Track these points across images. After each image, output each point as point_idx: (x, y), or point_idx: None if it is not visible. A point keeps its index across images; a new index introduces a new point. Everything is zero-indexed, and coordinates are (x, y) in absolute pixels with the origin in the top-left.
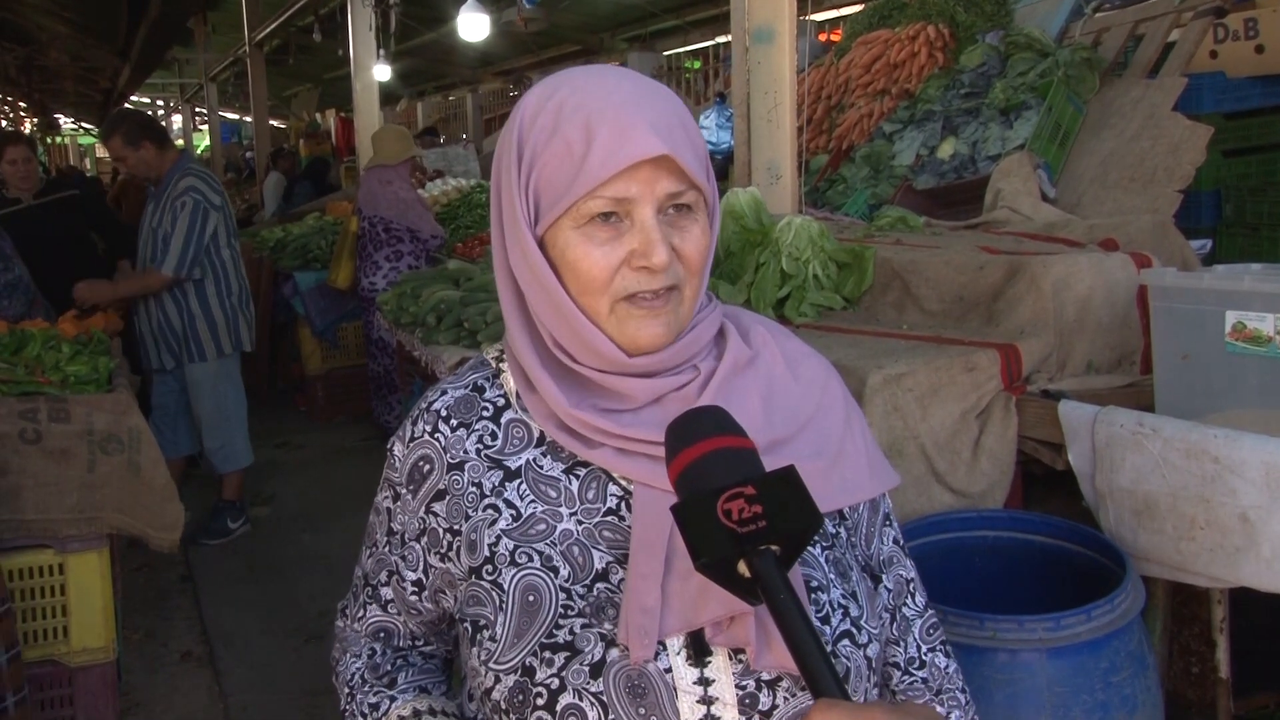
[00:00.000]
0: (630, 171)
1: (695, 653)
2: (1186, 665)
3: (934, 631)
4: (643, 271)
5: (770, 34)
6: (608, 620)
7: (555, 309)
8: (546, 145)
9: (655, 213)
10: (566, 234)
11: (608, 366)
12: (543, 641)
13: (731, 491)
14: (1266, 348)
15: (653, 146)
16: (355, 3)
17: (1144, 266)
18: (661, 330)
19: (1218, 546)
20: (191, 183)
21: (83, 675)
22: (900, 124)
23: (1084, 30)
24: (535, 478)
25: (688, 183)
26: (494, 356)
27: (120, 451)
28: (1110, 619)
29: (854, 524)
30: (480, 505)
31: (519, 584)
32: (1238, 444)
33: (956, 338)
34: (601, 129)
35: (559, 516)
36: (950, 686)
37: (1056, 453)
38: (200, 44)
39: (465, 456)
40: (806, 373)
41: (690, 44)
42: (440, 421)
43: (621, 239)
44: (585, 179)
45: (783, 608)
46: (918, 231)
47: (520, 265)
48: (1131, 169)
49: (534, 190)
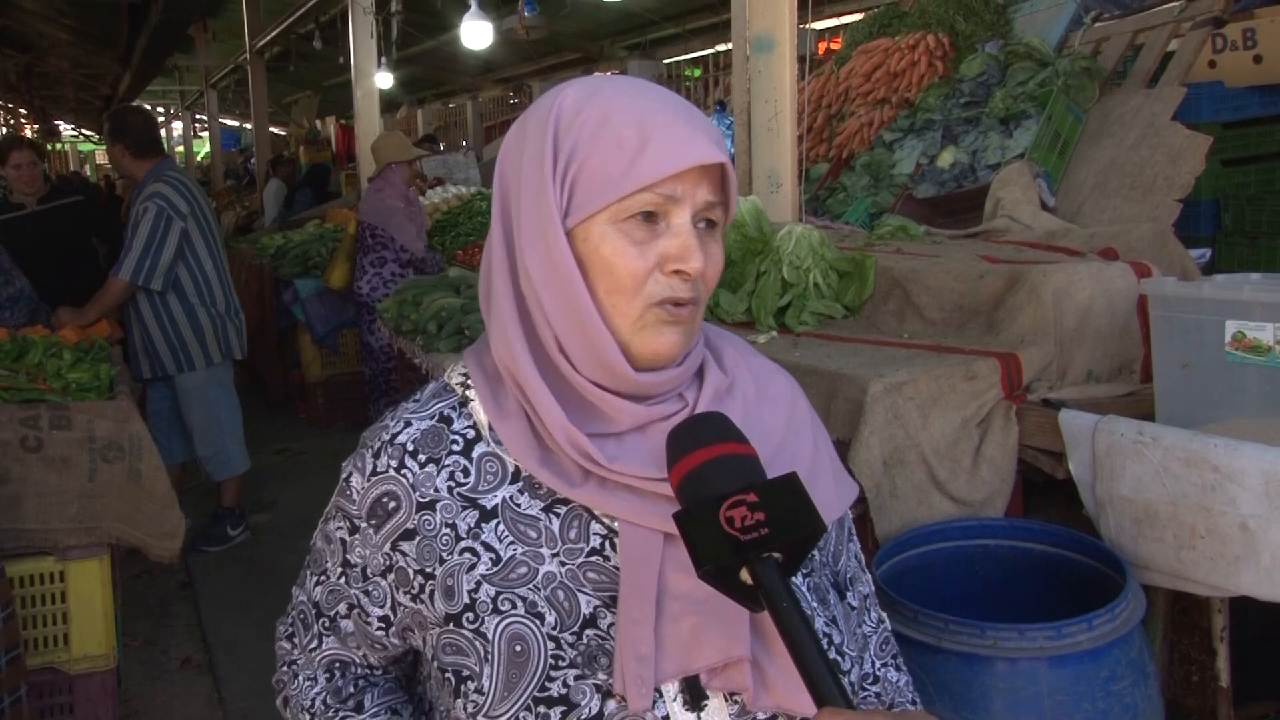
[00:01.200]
0: (679, 175)
1: (691, 698)
2: (1187, 674)
3: (887, 646)
4: (676, 277)
5: (770, 43)
6: (601, 670)
7: (572, 310)
8: (593, 139)
9: (692, 220)
10: (603, 228)
11: (609, 379)
12: (536, 695)
13: (734, 499)
14: (1266, 357)
15: (711, 153)
16: (356, 10)
17: (1144, 276)
18: (680, 341)
19: (1218, 555)
20: (156, 189)
21: (83, 683)
22: (900, 133)
23: (1083, 40)
24: (513, 517)
25: (721, 198)
26: (459, 382)
27: (121, 459)
28: (1111, 628)
29: (824, 544)
30: (456, 548)
31: (504, 633)
32: (1237, 453)
33: (957, 346)
34: (658, 129)
35: (540, 558)
36: (901, 700)
37: (1057, 461)
38: (201, 51)
39: (436, 495)
40: (774, 391)
41: (690, 52)
42: (407, 456)
43: (656, 242)
44: (639, 174)
45: (786, 615)
46: (918, 240)
47: (538, 263)
48: (1131, 178)
49: (572, 182)
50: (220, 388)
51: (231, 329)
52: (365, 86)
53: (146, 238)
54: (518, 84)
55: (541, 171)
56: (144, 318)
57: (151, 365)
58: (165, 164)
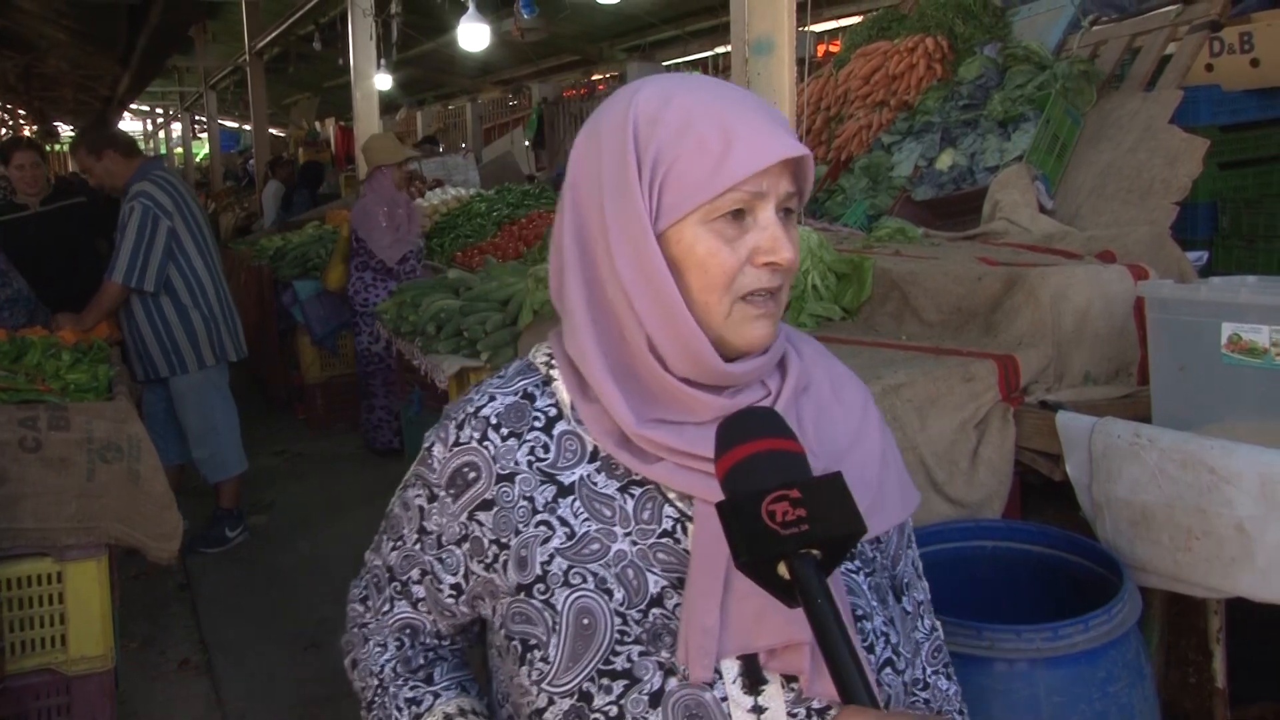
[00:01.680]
0: (763, 170)
1: (750, 681)
2: (1183, 675)
3: (938, 655)
4: (766, 269)
5: (770, 45)
6: (664, 648)
7: (666, 312)
8: (677, 144)
9: (775, 215)
10: (695, 230)
11: (698, 374)
12: (600, 668)
13: (777, 493)
14: (1262, 359)
15: (793, 147)
16: (356, 12)
17: (1141, 278)
18: (770, 329)
19: (1214, 557)
20: (142, 188)
21: (80, 684)
22: (899, 135)
23: (1081, 43)
24: (589, 495)
25: (797, 189)
26: (543, 361)
27: (120, 460)
28: (1107, 629)
29: (885, 546)
30: (532, 521)
31: (573, 606)
32: (1233, 455)
33: (955, 348)
34: (740, 129)
35: (613, 536)
36: (949, 709)
37: (1054, 463)
38: (200, 52)
39: (516, 468)
40: (848, 396)
41: (690, 54)
42: (490, 429)
43: (745, 237)
44: (728, 174)
45: (820, 612)
46: (916, 242)
47: (629, 269)
48: (1129, 181)
49: (660, 188)
50: (214, 390)
51: (225, 330)
52: (364, 88)
53: (134, 238)
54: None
55: (625, 177)
56: (136, 320)
57: (144, 368)
58: (149, 164)
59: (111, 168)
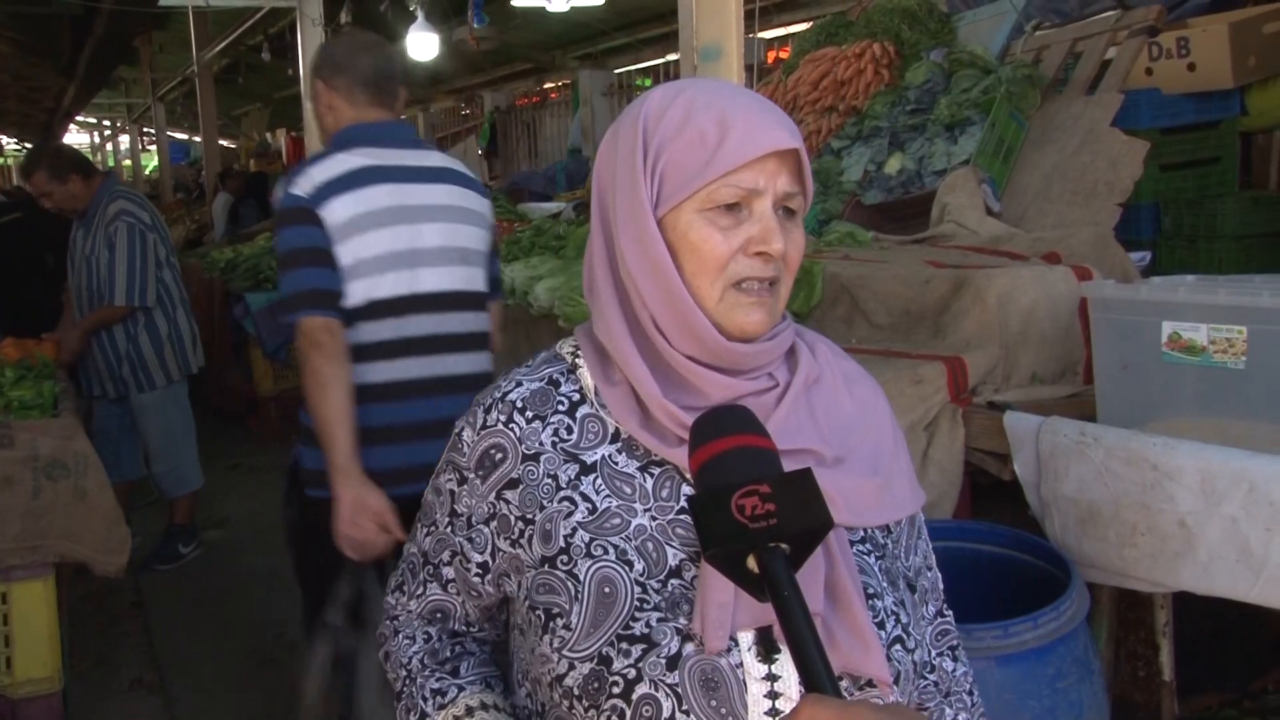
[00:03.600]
0: (759, 164)
1: (765, 650)
2: (1134, 669)
3: (943, 638)
4: (758, 258)
5: (718, 51)
6: (682, 615)
7: (665, 290)
8: (678, 133)
9: (773, 208)
10: (690, 217)
11: (702, 352)
12: (620, 633)
13: (747, 488)
14: (1200, 357)
15: (785, 140)
16: (305, 22)
17: (1085, 279)
18: (764, 317)
19: (1158, 552)
20: (122, 205)
21: (25, 707)
22: (848, 140)
23: (1025, 48)
24: (610, 473)
25: (800, 187)
26: (569, 351)
27: (66, 477)
28: (1056, 626)
29: (897, 536)
30: (556, 497)
31: (595, 575)
32: (1175, 451)
33: (904, 351)
34: (737, 121)
35: (633, 512)
36: (958, 689)
37: (1003, 463)
38: (146, 63)
39: (540, 449)
40: (860, 394)
41: (641, 62)
42: (515, 412)
43: (740, 228)
44: (719, 163)
45: (786, 605)
46: (866, 246)
47: (633, 249)
48: (1073, 183)
49: (660, 174)
50: (176, 404)
51: (188, 343)
52: None
53: (129, 257)
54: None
55: (633, 165)
56: (114, 335)
57: (108, 384)
58: (110, 180)
59: (74, 191)
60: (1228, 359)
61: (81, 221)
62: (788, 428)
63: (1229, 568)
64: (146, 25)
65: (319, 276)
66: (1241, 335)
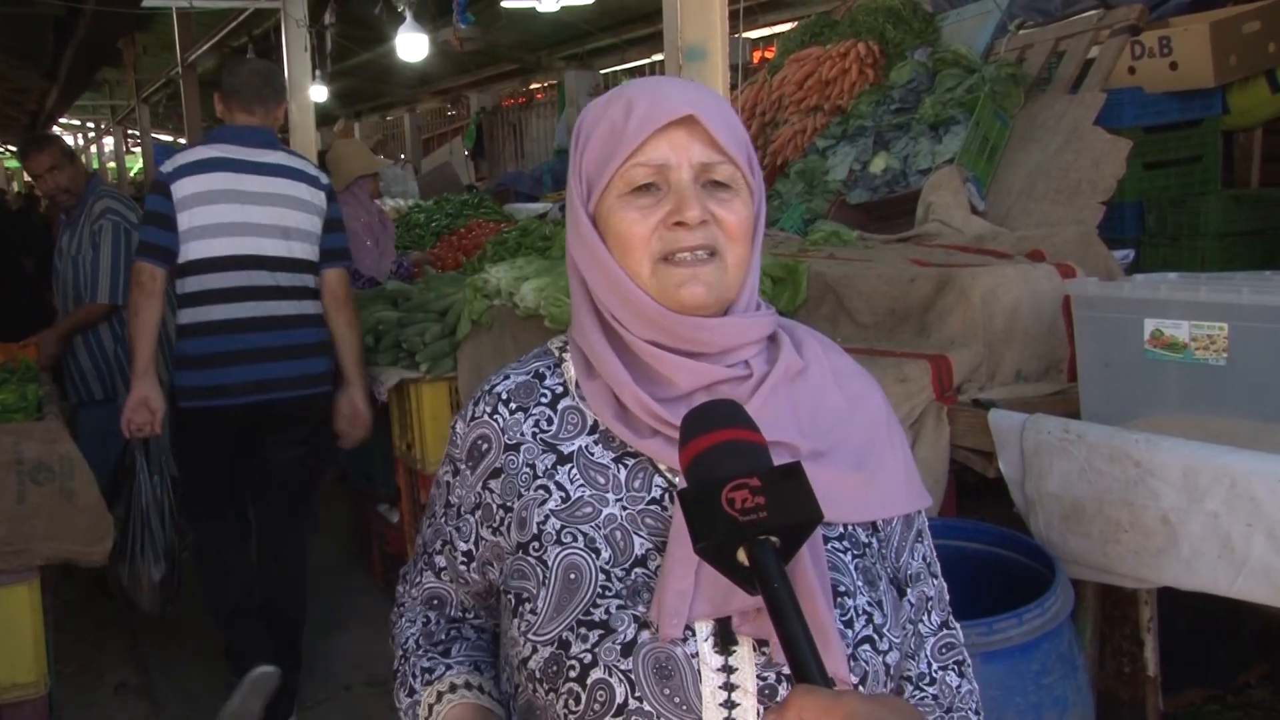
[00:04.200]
0: (665, 136)
1: (722, 641)
2: (1119, 665)
3: (947, 651)
4: (678, 229)
5: (702, 52)
6: (642, 603)
7: (606, 278)
8: (594, 128)
9: (692, 179)
10: (611, 203)
11: (660, 334)
12: (580, 618)
13: (737, 481)
14: (1183, 354)
15: (680, 108)
16: (290, 23)
17: (1069, 277)
18: (702, 289)
19: (1141, 548)
20: (108, 204)
21: (11, 712)
22: (833, 140)
23: (1008, 47)
24: (586, 464)
25: (722, 155)
26: (558, 346)
27: (51, 480)
28: (1040, 622)
29: (886, 536)
30: (532, 485)
31: (562, 562)
32: (1157, 448)
33: (888, 350)
34: (638, 102)
35: (605, 501)
36: (962, 706)
37: (988, 461)
38: (129, 65)
39: (522, 439)
40: (852, 389)
41: (627, 62)
42: (500, 404)
43: (659, 205)
44: (624, 146)
45: (777, 597)
46: (851, 245)
47: (576, 245)
48: (1057, 181)
49: (585, 170)
50: None
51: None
52: (300, 100)
53: (113, 256)
54: (455, 95)
55: (571, 167)
56: (100, 336)
57: (94, 386)
58: (96, 180)
59: (77, 178)
60: (1209, 356)
61: (68, 221)
62: (763, 419)
63: (1211, 563)
64: (130, 26)
65: (158, 235)
66: (1223, 332)
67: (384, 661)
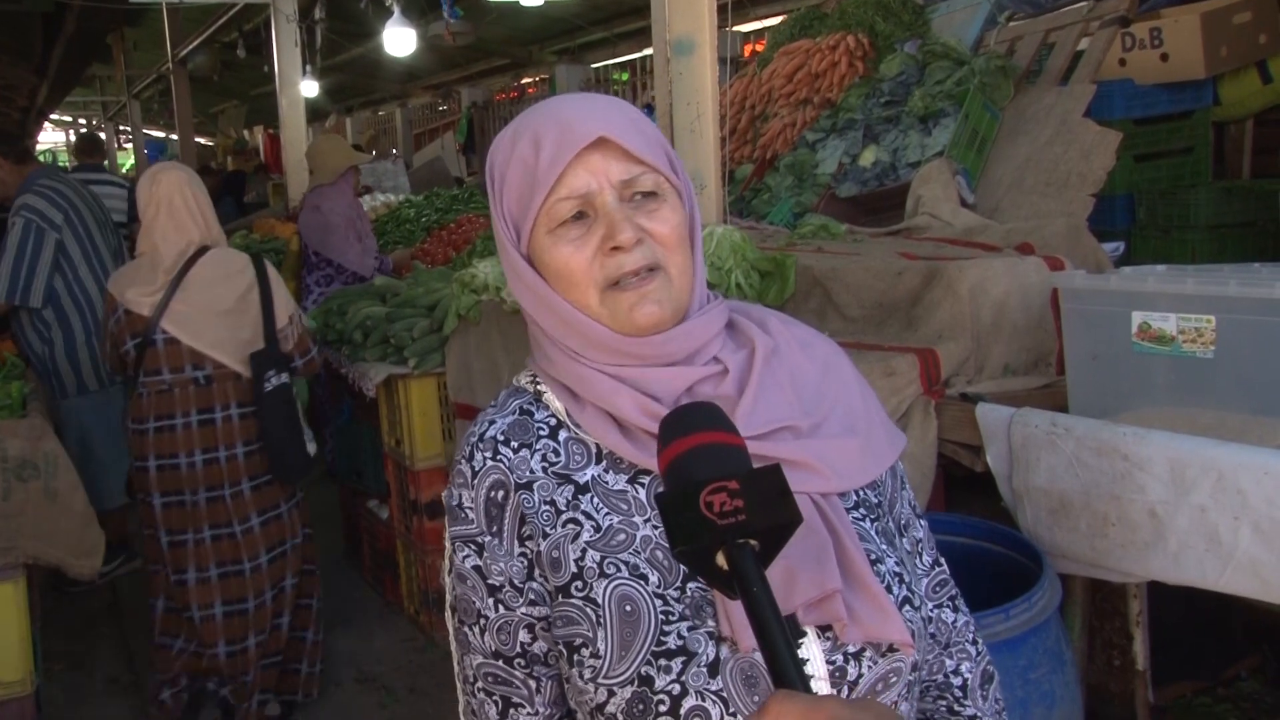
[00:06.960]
0: (581, 163)
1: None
2: (1109, 658)
3: (940, 589)
4: (615, 254)
5: (691, 45)
6: (709, 618)
7: (558, 316)
8: (507, 167)
9: (618, 201)
10: (541, 240)
11: (624, 358)
12: (654, 650)
13: (715, 485)
14: (1170, 347)
15: (589, 132)
16: (280, 19)
17: (1057, 269)
18: (655, 308)
19: (1128, 542)
20: (25, 200)
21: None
22: (823, 133)
23: (998, 39)
24: (604, 492)
25: (641, 166)
26: (528, 382)
27: (36, 478)
28: (1028, 617)
29: (881, 489)
30: (559, 521)
31: (613, 595)
32: (1145, 441)
33: (876, 343)
34: (547, 136)
35: (635, 525)
36: (959, 639)
37: (975, 455)
38: (119, 61)
39: (532, 475)
40: (819, 355)
41: (618, 56)
42: (499, 445)
43: (592, 232)
44: (542, 183)
45: (755, 601)
46: (839, 239)
47: (520, 289)
48: (1046, 174)
49: (509, 213)
50: (95, 416)
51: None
52: (291, 95)
53: (15, 253)
54: (446, 90)
55: (493, 210)
56: (28, 336)
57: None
58: (39, 172)
59: (4, 177)
60: (1197, 348)
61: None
62: (759, 407)
63: (1198, 557)
64: (119, 22)
65: None
66: (1210, 324)
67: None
